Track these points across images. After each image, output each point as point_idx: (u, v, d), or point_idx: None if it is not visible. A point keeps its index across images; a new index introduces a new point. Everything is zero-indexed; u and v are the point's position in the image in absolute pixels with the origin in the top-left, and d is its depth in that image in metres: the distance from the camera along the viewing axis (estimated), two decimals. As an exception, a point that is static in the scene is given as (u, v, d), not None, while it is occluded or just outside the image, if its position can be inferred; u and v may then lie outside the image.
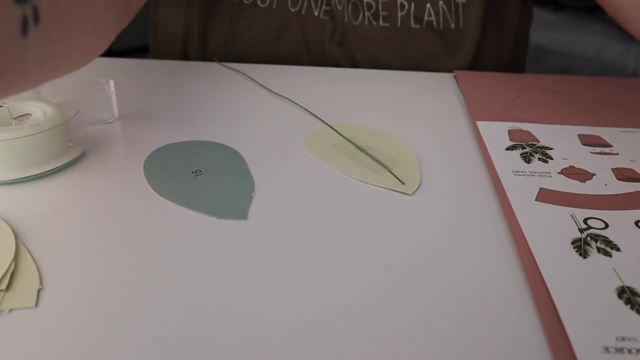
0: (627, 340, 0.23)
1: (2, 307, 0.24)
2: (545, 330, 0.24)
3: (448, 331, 0.24)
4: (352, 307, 0.25)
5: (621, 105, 0.47)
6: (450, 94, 0.50)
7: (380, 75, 0.54)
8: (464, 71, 0.54)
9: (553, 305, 0.25)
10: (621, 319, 0.24)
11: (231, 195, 0.33)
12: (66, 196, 0.33)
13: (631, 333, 0.23)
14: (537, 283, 0.26)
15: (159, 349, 0.23)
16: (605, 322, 0.24)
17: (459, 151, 0.39)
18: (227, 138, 0.40)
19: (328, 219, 0.31)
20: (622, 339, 0.23)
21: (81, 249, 0.28)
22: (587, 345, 0.22)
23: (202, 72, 0.53)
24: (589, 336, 0.23)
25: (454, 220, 0.31)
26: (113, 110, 0.42)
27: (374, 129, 0.42)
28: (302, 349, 0.23)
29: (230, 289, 0.26)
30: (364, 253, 0.28)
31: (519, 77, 0.53)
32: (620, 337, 0.23)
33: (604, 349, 0.22)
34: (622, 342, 0.23)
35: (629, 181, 0.34)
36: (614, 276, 0.26)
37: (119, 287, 0.26)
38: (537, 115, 0.44)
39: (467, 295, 0.26)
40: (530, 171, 0.35)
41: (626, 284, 0.26)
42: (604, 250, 0.28)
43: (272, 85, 0.50)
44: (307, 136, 0.40)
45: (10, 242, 0.28)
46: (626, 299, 0.25)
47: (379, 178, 0.35)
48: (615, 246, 0.28)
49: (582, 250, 0.28)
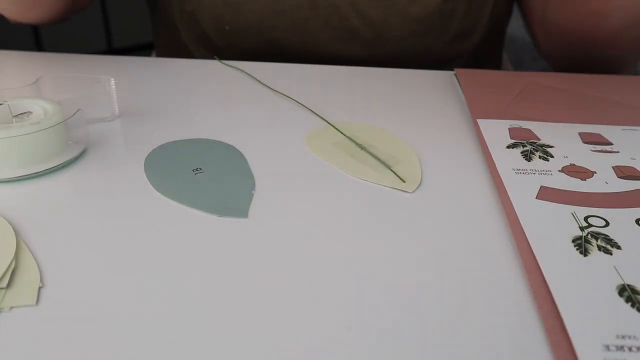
0: (628, 338, 0.23)
1: (3, 304, 0.24)
2: (546, 327, 0.24)
3: (448, 328, 0.24)
4: (353, 305, 0.25)
5: (622, 103, 0.47)
6: (450, 92, 0.50)
7: (381, 73, 0.54)
8: (465, 69, 0.54)
9: (553, 303, 0.25)
10: (622, 317, 0.24)
11: (232, 193, 0.33)
12: (67, 194, 0.33)
13: (632, 331, 0.23)
14: (537, 281, 0.26)
15: (159, 347, 0.23)
16: (606, 320, 0.24)
17: (460, 149, 0.39)
18: (228, 136, 0.40)
19: (329, 217, 0.31)
20: (622, 337, 0.23)
21: (82, 246, 0.28)
22: (588, 343, 0.22)
23: (202, 69, 0.53)
24: (590, 334, 0.23)
25: (455, 218, 0.31)
26: (114, 108, 0.42)
27: (374, 127, 0.42)
28: (304, 347, 0.23)
29: (230, 287, 0.26)
30: (364, 251, 0.28)
31: (520, 75, 0.53)
32: (621, 335, 0.23)
33: (605, 347, 0.22)
34: (622, 340, 0.23)
35: (630, 179, 0.34)
36: (614, 274, 0.26)
37: (120, 285, 0.26)
38: (538, 113, 0.44)
39: (467, 292, 0.26)
40: (531, 169, 0.35)
41: (627, 282, 0.26)
42: (604, 249, 0.28)
43: (272, 82, 0.50)
44: (308, 134, 0.40)
45: (10, 240, 0.28)
46: (627, 297, 0.25)
47: (379, 176, 0.35)
48: (616, 244, 0.28)
49: (582, 249, 0.28)
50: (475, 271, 0.27)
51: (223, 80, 0.51)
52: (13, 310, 0.24)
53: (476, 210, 0.32)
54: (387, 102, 0.47)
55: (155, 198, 0.32)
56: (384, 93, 0.49)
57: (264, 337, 0.23)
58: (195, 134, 0.40)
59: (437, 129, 0.42)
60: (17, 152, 0.33)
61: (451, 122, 0.43)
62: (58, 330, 0.23)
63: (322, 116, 0.43)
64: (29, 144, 0.33)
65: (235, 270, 0.27)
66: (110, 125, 0.41)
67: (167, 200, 0.32)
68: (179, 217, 0.31)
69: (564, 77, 0.53)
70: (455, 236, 0.30)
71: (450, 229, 0.30)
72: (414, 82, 0.52)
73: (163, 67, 0.54)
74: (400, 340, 0.23)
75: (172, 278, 0.26)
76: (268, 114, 0.44)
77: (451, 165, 0.37)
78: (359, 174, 0.35)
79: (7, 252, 0.27)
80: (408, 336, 0.23)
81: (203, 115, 0.43)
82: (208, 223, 0.30)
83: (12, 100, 0.36)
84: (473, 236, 0.30)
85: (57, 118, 0.35)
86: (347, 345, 0.23)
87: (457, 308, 0.25)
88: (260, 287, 0.26)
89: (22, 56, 0.56)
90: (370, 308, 0.25)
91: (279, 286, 0.26)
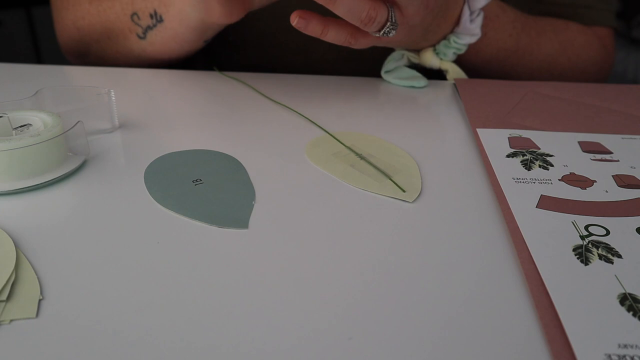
0: (630, 348, 0.23)
1: (3, 317, 0.24)
2: (547, 337, 0.23)
3: (449, 338, 0.24)
4: (354, 315, 0.25)
5: (621, 112, 0.47)
6: (449, 102, 0.50)
7: (380, 83, 0.54)
8: (464, 79, 0.54)
9: (555, 312, 0.25)
10: (623, 326, 0.24)
11: (232, 204, 0.33)
12: (67, 206, 0.33)
13: (633, 340, 0.23)
14: (538, 290, 0.26)
15: (160, 358, 0.22)
16: (607, 329, 0.24)
17: (460, 159, 0.39)
18: (228, 147, 0.40)
19: (329, 227, 0.31)
20: (624, 346, 0.23)
21: (82, 258, 0.28)
22: (590, 352, 0.22)
23: (202, 80, 0.53)
24: (591, 343, 0.23)
25: (455, 228, 0.31)
26: (113, 120, 0.42)
27: (374, 137, 0.42)
28: (305, 355, 0.23)
29: (231, 298, 0.26)
30: (365, 261, 0.28)
31: (519, 85, 0.53)
32: (623, 345, 0.23)
33: (606, 356, 0.22)
34: (624, 349, 0.23)
35: (630, 188, 0.34)
36: (615, 283, 0.26)
37: (120, 297, 0.26)
38: (538, 122, 0.44)
39: (469, 302, 0.26)
40: (531, 178, 0.35)
41: (628, 291, 0.26)
42: (605, 257, 0.28)
43: (271, 93, 0.50)
44: (307, 144, 0.40)
45: (10, 252, 0.28)
46: (628, 305, 0.25)
47: (379, 186, 0.35)
48: (616, 253, 0.28)
49: (583, 257, 0.28)
50: (476, 280, 0.27)
51: (223, 91, 0.51)
52: (13, 323, 0.24)
53: (476, 219, 0.32)
54: (387, 112, 0.47)
55: (156, 209, 0.32)
56: (383, 103, 0.49)
57: (265, 348, 0.23)
58: (195, 145, 0.40)
59: (437, 138, 0.42)
60: (17, 164, 0.33)
61: (451, 132, 0.43)
62: (58, 343, 0.23)
63: (322, 126, 0.43)
64: (29, 156, 0.33)
65: (236, 281, 0.27)
66: (110, 136, 0.41)
67: (167, 212, 0.32)
68: (179, 229, 0.31)
69: (564, 87, 0.53)
70: (455, 245, 0.30)
71: (450, 238, 0.30)
72: (413, 92, 0.52)
73: (163, 78, 0.54)
74: (400, 353, 0.23)
75: (173, 290, 0.26)
76: (267, 124, 0.44)
77: (451, 175, 0.37)
78: (359, 184, 0.35)
79: (7, 264, 0.27)
80: (409, 345, 0.23)
81: (203, 126, 0.43)
82: (208, 234, 0.30)
83: (12, 113, 0.37)
84: (474, 245, 0.30)
85: (56, 130, 0.35)
86: (349, 355, 0.23)
87: (458, 317, 0.25)
88: (261, 297, 0.26)
89: (21, 68, 0.56)
90: (372, 318, 0.25)
91: (280, 297, 0.26)
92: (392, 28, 0.43)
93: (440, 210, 0.33)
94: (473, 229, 0.31)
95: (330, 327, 0.24)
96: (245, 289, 0.26)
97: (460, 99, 0.50)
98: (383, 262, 0.28)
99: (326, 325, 0.24)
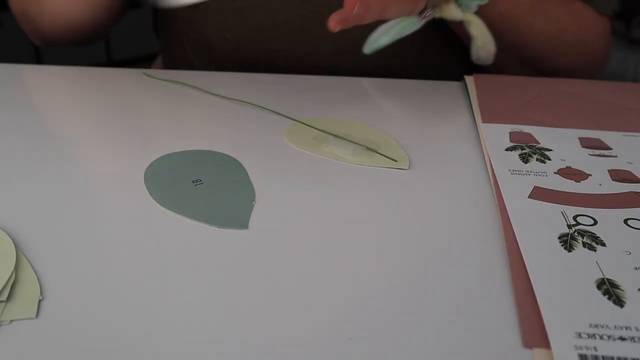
0: (600, 327, 0.24)
1: (3, 318, 0.24)
2: (520, 315, 0.25)
3: (449, 338, 0.24)
4: (354, 315, 0.26)
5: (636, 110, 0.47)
6: (454, 102, 0.50)
7: (381, 83, 0.55)
8: (482, 74, 0.54)
9: (532, 293, 0.26)
10: (597, 308, 0.25)
11: (232, 204, 0.33)
12: (67, 206, 0.32)
13: (605, 321, 0.24)
14: (519, 272, 0.27)
15: (160, 358, 0.23)
16: (581, 310, 0.25)
17: (460, 152, 0.40)
18: (227, 147, 0.39)
19: (329, 226, 0.31)
20: (595, 326, 0.24)
21: (82, 259, 0.28)
22: (561, 330, 0.23)
23: (201, 81, 0.53)
24: (564, 322, 0.24)
25: (451, 215, 0.32)
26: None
27: (343, 120, 0.42)
28: (305, 355, 0.23)
29: (232, 298, 0.26)
30: (365, 261, 0.29)
31: (537, 81, 0.53)
32: (594, 324, 0.24)
33: (577, 334, 0.23)
34: (595, 328, 0.24)
35: (624, 182, 0.35)
36: (595, 269, 0.27)
37: (120, 298, 0.26)
38: (549, 118, 0.44)
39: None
40: (527, 170, 0.36)
41: (607, 277, 0.27)
42: (589, 245, 0.29)
43: (268, 97, 0.51)
44: (285, 132, 0.41)
45: (10, 253, 0.28)
46: (605, 289, 0.26)
47: (372, 160, 0.37)
48: (601, 241, 0.29)
49: (567, 245, 0.29)
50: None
51: (222, 90, 0.51)
52: (13, 323, 0.24)
53: (472, 209, 0.33)
54: (390, 111, 0.48)
55: (156, 210, 0.33)
56: (385, 102, 0.50)
57: (265, 347, 0.24)
58: (194, 146, 0.39)
59: (439, 135, 0.43)
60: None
61: (455, 129, 0.44)
62: (58, 343, 0.24)
63: (292, 117, 0.43)
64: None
65: (236, 281, 0.27)
66: (110, 136, 0.41)
67: (167, 212, 0.32)
68: (179, 229, 0.31)
69: (582, 83, 0.53)
70: (450, 231, 0.31)
71: (446, 225, 0.32)
72: (418, 91, 0.52)
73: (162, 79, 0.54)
74: (401, 351, 0.24)
75: (173, 289, 0.27)
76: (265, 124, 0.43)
77: (453, 168, 0.38)
78: (356, 160, 0.37)
79: (7, 264, 0.27)
80: (409, 345, 0.24)
81: (202, 126, 0.43)
82: (208, 234, 0.31)
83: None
84: (466, 232, 0.31)
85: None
86: (349, 355, 0.24)
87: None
88: (261, 297, 0.26)
89: (21, 69, 0.54)
90: (371, 319, 0.25)
91: (280, 296, 0.26)
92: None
93: (438, 198, 0.34)
94: (468, 218, 0.32)
95: (330, 327, 0.25)
96: (246, 289, 0.27)
97: (469, 95, 0.50)
98: (382, 261, 0.29)
99: (326, 325, 0.25)
